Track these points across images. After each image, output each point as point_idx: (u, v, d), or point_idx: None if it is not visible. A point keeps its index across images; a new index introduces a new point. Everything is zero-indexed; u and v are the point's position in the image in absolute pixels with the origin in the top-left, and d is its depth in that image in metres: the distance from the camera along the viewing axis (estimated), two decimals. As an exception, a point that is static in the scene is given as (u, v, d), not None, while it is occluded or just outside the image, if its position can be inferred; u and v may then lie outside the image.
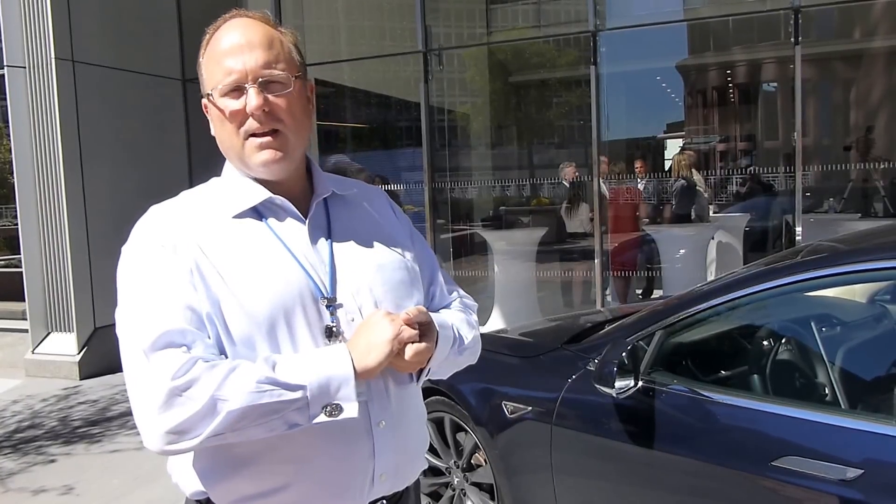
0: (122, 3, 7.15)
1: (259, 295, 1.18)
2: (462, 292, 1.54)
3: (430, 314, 1.30)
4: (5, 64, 6.67)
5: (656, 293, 7.39)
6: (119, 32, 7.09)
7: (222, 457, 1.22)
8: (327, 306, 1.24)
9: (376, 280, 1.30)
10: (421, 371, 1.32)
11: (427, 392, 3.11)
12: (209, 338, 1.15)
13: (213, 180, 1.34)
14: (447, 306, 1.47)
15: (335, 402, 1.15)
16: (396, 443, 1.30)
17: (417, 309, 1.26)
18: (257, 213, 1.27)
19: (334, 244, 1.31)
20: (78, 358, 6.58)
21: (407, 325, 1.22)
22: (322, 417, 1.14)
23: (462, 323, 1.41)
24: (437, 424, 3.16)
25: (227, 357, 1.16)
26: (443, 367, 1.37)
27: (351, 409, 1.16)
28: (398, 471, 1.33)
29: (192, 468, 1.27)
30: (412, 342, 1.21)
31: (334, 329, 1.24)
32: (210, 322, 1.16)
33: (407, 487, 1.40)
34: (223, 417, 1.08)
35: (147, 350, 1.11)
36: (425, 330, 1.25)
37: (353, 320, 1.26)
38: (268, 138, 1.23)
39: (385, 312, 1.23)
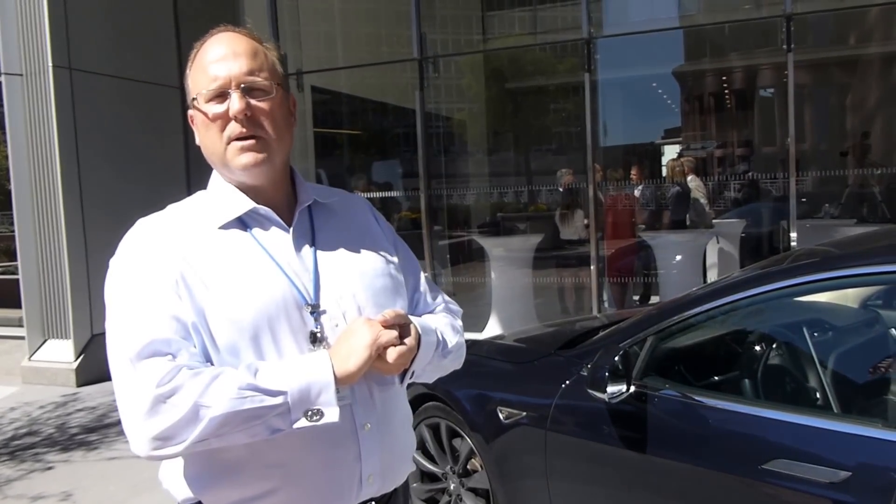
0: (120, 11, 7.17)
1: (243, 303, 1.21)
2: (446, 298, 1.55)
3: (413, 318, 1.33)
4: (2, 71, 6.69)
5: (654, 299, 7.39)
6: (116, 40, 7.11)
7: (212, 463, 1.25)
8: (311, 313, 1.27)
9: (359, 286, 1.33)
10: (405, 373, 1.33)
11: (423, 398, 3.12)
12: (194, 346, 1.18)
13: (199, 193, 1.37)
14: (431, 312, 1.48)
15: (316, 407, 1.17)
16: (383, 445, 1.32)
17: (394, 311, 1.28)
18: (242, 223, 1.30)
19: (318, 252, 1.33)
20: (75, 365, 6.58)
21: (385, 327, 1.24)
22: (303, 422, 1.17)
23: (446, 327, 1.43)
24: (433, 430, 3.16)
25: (212, 365, 1.18)
26: (427, 371, 1.39)
27: (332, 414, 1.18)
28: (386, 472, 1.34)
29: (183, 475, 1.29)
30: (393, 345, 1.23)
31: (318, 335, 1.26)
32: (195, 331, 1.19)
33: (395, 489, 1.41)
34: (206, 423, 1.11)
35: (133, 359, 1.14)
36: (405, 332, 1.27)
37: (336, 326, 1.28)
38: (250, 141, 1.26)
39: (365, 318, 1.26)
